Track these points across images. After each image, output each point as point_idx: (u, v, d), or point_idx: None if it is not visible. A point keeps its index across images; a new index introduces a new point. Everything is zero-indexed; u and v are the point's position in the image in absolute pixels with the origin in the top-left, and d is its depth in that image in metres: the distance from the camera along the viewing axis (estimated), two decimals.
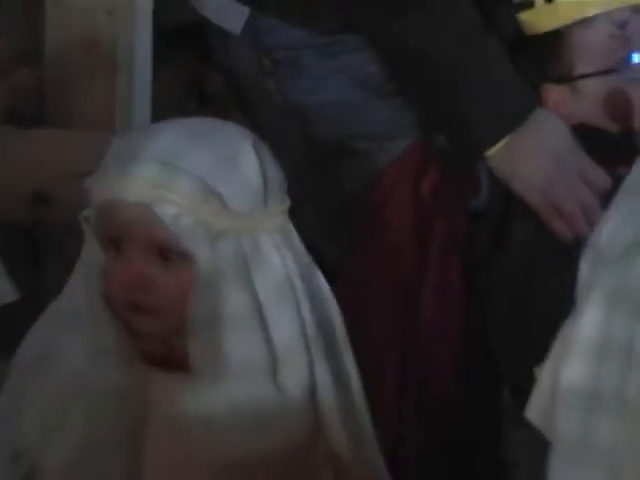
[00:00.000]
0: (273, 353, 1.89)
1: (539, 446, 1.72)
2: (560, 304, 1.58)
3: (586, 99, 2.46)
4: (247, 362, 1.89)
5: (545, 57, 2.53)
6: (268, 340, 1.89)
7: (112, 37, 2.72)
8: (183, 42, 2.96)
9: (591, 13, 2.49)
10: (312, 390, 1.95)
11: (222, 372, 1.90)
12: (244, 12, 2.65)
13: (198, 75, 3.06)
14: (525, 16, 2.52)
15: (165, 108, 2.69)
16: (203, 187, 1.80)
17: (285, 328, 1.93)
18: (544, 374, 1.60)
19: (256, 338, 1.90)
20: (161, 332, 1.89)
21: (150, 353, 1.93)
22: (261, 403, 1.94)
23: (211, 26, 2.73)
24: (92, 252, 1.92)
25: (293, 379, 1.93)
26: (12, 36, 2.97)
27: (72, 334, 1.97)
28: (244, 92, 2.66)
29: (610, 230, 1.56)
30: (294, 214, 1.95)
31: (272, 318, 1.91)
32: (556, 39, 2.50)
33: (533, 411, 1.64)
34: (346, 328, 2.01)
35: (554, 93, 2.44)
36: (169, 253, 1.84)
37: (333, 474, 2.01)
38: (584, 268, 1.59)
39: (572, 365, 1.52)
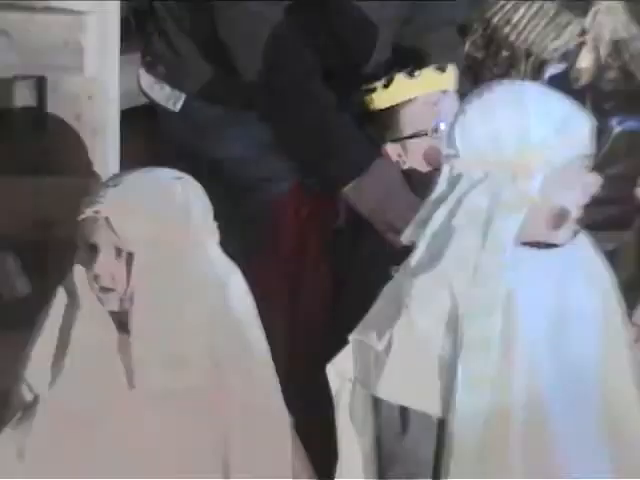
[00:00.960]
0: (187, 323, 2.40)
1: None
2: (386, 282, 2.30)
3: (412, 152, 3.08)
4: (166, 329, 2.39)
5: (384, 125, 3.14)
6: (183, 314, 2.39)
7: (92, 113, 3.06)
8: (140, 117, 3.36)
9: (414, 95, 3.09)
10: (214, 354, 2.42)
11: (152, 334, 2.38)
12: (181, 95, 3.22)
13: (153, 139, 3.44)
14: (370, 98, 3.12)
15: (129, 162, 2.92)
16: (146, 207, 2.35)
17: (199, 307, 2.42)
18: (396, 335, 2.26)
19: (174, 312, 2.39)
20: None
21: (116, 316, 2.41)
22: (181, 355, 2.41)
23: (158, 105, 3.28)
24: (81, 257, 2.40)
25: (200, 344, 2.42)
26: None
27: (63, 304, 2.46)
28: (180, 151, 3.12)
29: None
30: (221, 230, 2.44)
31: (190, 299, 2.40)
32: (391, 113, 3.12)
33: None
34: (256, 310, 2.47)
35: (390, 149, 3.07)
36: (124, 253, 2.36)
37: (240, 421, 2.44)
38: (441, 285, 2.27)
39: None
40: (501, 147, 2.33)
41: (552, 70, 3.49)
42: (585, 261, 2.49)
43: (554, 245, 2.42)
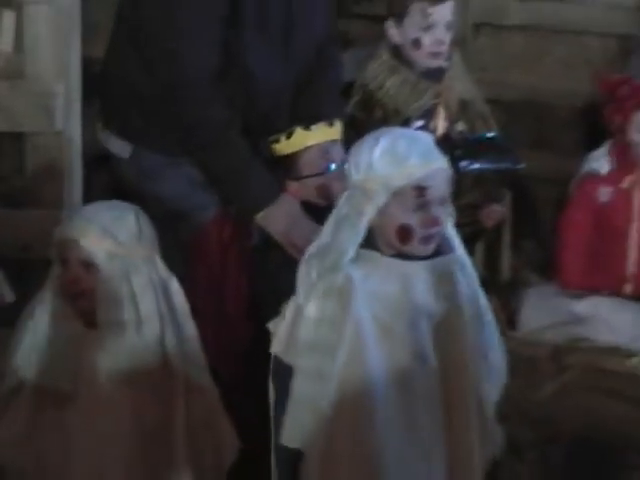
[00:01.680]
0: (140, 319, 2.46)
1: None
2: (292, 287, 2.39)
3: (308, 188, 3.10)
4: (124, 324, 2.46)
5: (287, 167, 3.15)
6: (137, 311, 2.46)
7: (61, 159, 3.11)
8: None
9: (310, 144, 3.12)
10: (162, 342, 2.49)
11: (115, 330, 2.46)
12: (129, 146, 3.20)
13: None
14: (276, 146, 3.15)
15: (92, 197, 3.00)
16: (104, 230, 2.44)
17: (148, 306, 2.49)
18: (287, 314, 2.39)
19: (130, 310, 2.47)
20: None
21: (84, 316, 2.48)
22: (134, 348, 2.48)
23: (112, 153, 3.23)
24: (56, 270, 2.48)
25: (151, 335, 2.49)
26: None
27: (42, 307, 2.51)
28: (129, 188, 3.12)
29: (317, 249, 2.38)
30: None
31: (141, 300, 2.48)
32: (292, 158, 3.14)
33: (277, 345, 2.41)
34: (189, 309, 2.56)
35: (292, 186, 3.09)
36: (89, 265, 2.44)
37: (183, 396, 2.51)
38: (306, 274, 2.37)
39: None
40: (357, 174, 2.39)
41: (415, 124, 3.50)
42: (453, 269, 2.49)
43: (427, 257, 2.44)
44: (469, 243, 2.98)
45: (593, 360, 3.63)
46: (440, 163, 2.40)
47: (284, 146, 3.14)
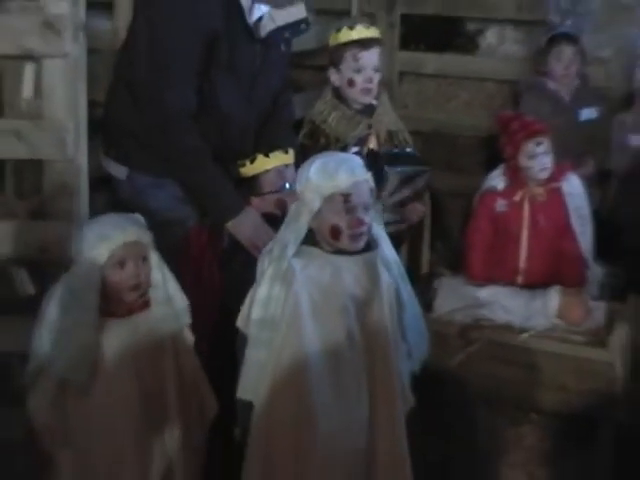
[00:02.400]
0: (169, 296, 2.46)
1: None
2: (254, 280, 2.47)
3: (267, 203, 3.14)
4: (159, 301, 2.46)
5: (250, 186, 3.21)
6: (166, 290, 2.46)
7: (71, 181, 2.99)
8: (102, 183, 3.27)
9: (269, 167, 3.19)
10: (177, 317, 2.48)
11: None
12: (125, 169, 3.19)
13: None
14: (242, 169, 3.22)
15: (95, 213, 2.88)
16: (145, 231, 2.42)
17: (174, 286, 2.50)
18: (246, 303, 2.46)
19: (163, 296, 2.47)
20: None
21: (127, 306, 2.40)
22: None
23: (112, 175, 3.22)
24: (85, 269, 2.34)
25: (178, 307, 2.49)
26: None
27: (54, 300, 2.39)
28: (127, 204, 3.00)
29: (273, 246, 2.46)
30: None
31: (168, 284, 2.49)
32: (255, 178, 3.21)
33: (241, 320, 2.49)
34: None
35: (254, 200, 3.11)
36: (145, 259, 2.40)
37: (173, 365, 2.46)
38: (261, 265, 2.46)
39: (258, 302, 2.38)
40: (300, 186, 2.48)
41: (352, 149, 3.54)
42: (376, 261, 2.50)
43: (359, 252, 2.48)
44: (396, 240, 3.00)
45: (492, 336, 3.64)
46: (362, 177, 2.45)
47: (248, 169, 3.20)
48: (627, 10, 5.05)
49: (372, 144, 3.63)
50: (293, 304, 2.40)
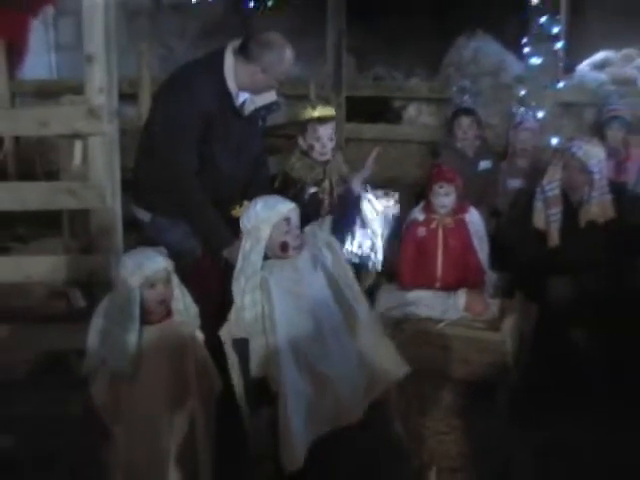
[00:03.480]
0: (187, 307, 2.41)
1: None
2: None
3: None
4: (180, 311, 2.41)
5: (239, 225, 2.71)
6: (185, 303, 2.42)
7: (111, 225, 3.01)
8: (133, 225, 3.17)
9: None
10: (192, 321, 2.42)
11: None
12: (149, 214, 3.13)
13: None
14: (232, 212, 3.01)
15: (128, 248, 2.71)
16: (167, 262, 2.39)
17: (189, 299, 2.44)
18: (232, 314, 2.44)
19: (182, 307, 2.42)
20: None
21: (157, 316, 2.38)
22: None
23: (140, 219, 3.14)
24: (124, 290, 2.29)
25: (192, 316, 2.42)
26: None
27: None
28: (151, 241, 2.85)
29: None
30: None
31: (185, 298, 2.44)
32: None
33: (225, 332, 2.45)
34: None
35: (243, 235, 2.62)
36: (168, 283, 2.37)
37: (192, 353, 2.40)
38: (237, 283, 2.39)
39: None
40: (249, 223, 2.49)
41: (310, 190, 3.47)
42: (317, 258, 2.52)
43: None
44: None
45: (418, 326, 3.63)
46: (292, 206, 2.50)
47: (238, 212, 3.06)
48: (508, 88, 5.22)
49: (326, 185, 3.53)
50: (274, 301, 2.42)
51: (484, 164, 4.51)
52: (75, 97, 3.29)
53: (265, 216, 2.44)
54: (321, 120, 3.45)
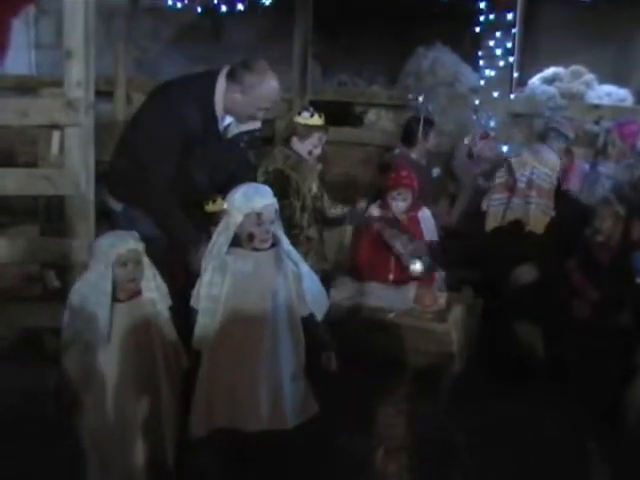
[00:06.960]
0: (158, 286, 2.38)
1: None
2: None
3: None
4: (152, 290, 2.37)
5: (212, 218, 2.96)
6: (156, 283, 2.39)
7: (85, 212, 3.00)
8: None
9: (224, 207, 2.54)
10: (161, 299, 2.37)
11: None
12: (121, 205, 3.08)
13: None
14: (206, 207, 3.08)
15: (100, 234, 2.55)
16: (139, 244, 2.34)
17: (160, 280, 2.41)
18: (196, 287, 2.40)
19: (152, 286, 2.38)
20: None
21: (127, 293, 2.36)
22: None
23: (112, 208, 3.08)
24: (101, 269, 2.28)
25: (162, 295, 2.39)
26: None
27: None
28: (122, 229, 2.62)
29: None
30: None
31: (156, 278, 2.40)
32: (215, 213, 2.97)
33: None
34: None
35: (213, 229, 2.60)
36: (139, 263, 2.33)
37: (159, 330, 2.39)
38: (204, 261, 2.37)
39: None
40: (227, 206, 2.48)
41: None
42: (281, 253, 2.47)
43: (269, 248, 2.49)
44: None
45: (370, 315, 3.70)
46: (270, 201, 2.46)
47: (211, 207, 3.11)
48: (462, 97, 5.35)
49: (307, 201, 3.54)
50: (225, 288, 2.44)
51: (436, 171, 4.61)
52: (55, 90, 3.31)
53: (239, 205, 2.43)
54: (320, 128, 3.47)
